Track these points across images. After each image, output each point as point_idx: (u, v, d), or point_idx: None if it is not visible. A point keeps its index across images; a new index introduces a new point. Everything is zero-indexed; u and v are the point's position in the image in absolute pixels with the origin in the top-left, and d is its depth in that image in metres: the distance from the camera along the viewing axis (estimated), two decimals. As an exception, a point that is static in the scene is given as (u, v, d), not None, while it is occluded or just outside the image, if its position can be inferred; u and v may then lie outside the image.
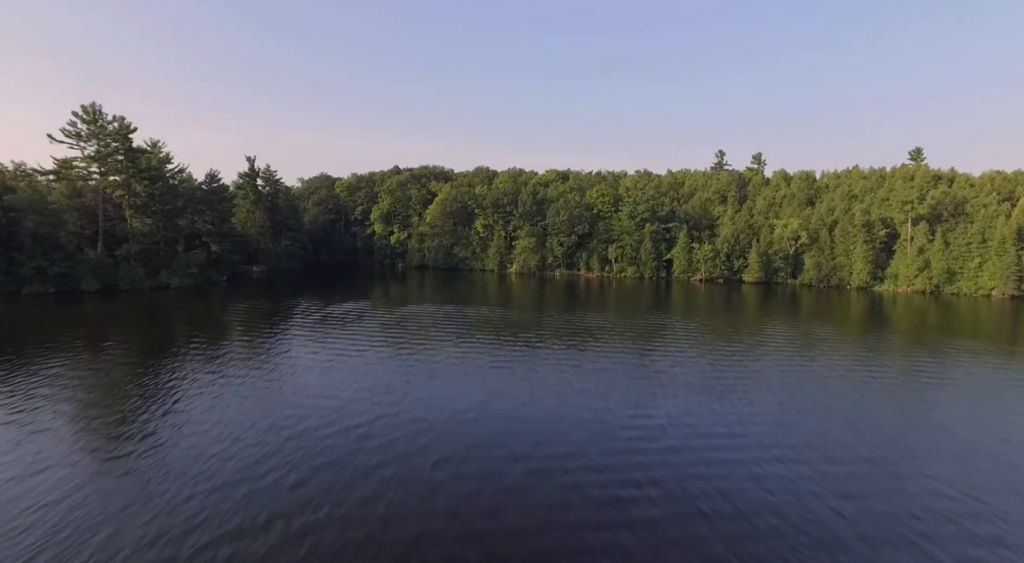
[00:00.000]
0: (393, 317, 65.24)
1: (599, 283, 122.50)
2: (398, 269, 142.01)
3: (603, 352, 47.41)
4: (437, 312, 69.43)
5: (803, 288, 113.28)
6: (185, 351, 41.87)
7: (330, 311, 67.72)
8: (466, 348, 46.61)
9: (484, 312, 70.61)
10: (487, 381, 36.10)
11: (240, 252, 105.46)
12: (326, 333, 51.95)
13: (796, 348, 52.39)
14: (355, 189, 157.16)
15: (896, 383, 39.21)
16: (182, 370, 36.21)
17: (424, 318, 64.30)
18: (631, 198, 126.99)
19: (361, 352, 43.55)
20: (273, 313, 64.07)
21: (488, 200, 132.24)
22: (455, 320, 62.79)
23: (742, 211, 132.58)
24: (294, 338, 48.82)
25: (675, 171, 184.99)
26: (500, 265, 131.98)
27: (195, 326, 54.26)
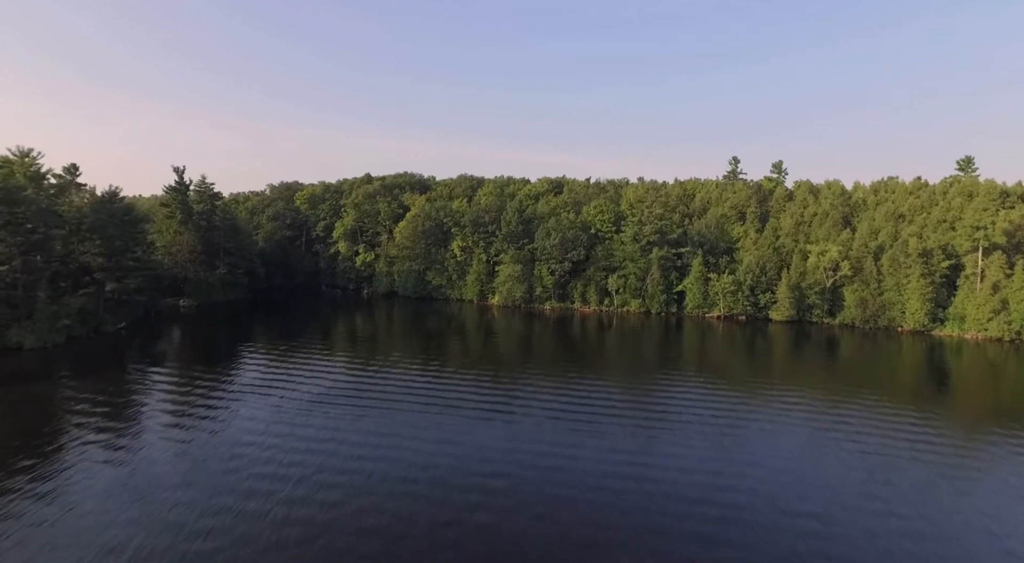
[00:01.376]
0: (328, 395, 47.66)
1: (597, 320, 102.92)
2: (364, 296, 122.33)
3: (601, 458, 35.78)
4: (399, 379, 54.74)
5: (844, 330, 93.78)
6: None
7: (233, 384, 48.20)
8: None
9: (455, 375, 58.30)
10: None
11: (155, 287, 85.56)
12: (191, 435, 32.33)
13: (853, 426, 43.08)
14: (318, 201, 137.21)
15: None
16: None
17: (374, 395, 48.78)
18: (635, 217, 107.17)
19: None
20: (118, 406, 43.35)
21: (467, 218, 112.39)
22: (418, 399, 47.68)
23: (766, 232, 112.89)
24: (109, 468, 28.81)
25: (684, 180, 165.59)
26: (480, 295, 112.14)
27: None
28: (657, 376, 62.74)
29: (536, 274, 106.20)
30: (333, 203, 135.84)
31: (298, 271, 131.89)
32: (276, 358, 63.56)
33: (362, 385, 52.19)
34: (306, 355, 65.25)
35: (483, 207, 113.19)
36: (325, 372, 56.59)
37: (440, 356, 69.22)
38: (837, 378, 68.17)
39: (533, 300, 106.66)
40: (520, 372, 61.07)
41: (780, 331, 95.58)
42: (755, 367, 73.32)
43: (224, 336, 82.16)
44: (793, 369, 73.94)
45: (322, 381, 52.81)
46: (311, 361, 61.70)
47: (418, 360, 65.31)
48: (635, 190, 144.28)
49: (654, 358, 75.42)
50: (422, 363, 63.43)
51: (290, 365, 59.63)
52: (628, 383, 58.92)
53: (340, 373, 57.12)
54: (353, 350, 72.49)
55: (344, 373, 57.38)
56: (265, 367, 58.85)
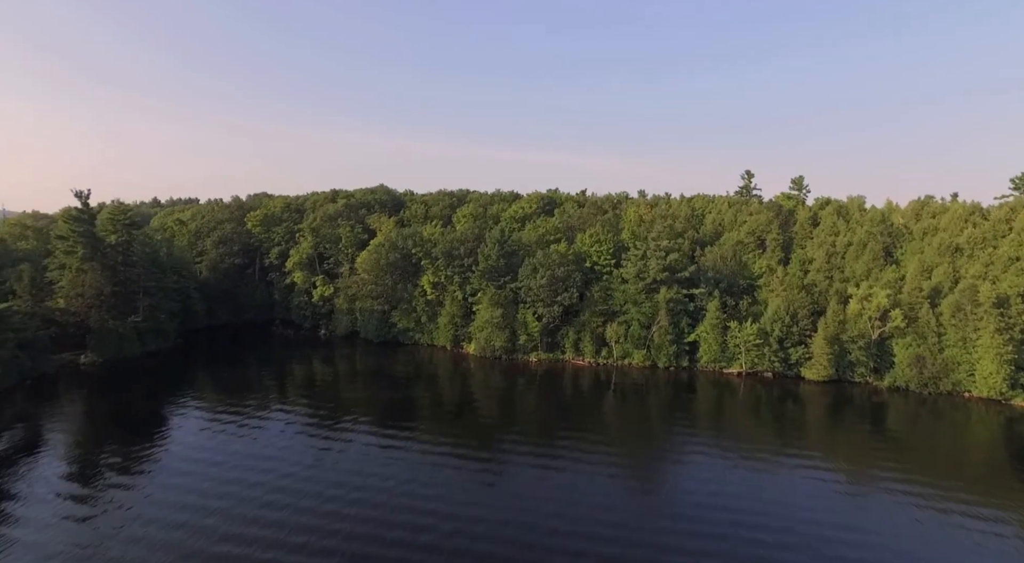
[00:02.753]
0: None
1: (593, 375, 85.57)
2: (321, 337, 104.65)
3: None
4: (350, 466, 48.59)
5: (895, 394, 76.68)
6: None
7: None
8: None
9: (422, 453, 53.07)
10: None
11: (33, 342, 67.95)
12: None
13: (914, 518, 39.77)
14: (272, 222, 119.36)
15: None
16: None
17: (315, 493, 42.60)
18: (638, 250, 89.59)
19: None
20: None
21: (439, 249, 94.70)
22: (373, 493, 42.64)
23: (792, 265, 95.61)
24: None
25: (691, 194, 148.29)
26: (454, 341, 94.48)
27: None
28: (666, 449, 58.18)
29: (520, 319, 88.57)
30: (290, 225, 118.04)
31: (248, 305, 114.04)
32: (178, 439, 54.43)
33: (298, 483, 44.25)
34: (218, 434, 55.50)
35: (458, 236, 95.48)
36: (250, 461, 47.98)
37: (403, 425, 61.26)
38: (890, 456, 57.17)
39: (516, 350, 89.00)
40: (500, 449, 55.43)
41: (815, 393, 78.53)
42: (786, 439, 62.76)
43: (115, 405, 65.50)
44: (833, 441, 64.09)
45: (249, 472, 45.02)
46: (226, 443, 52.73)
47: (374, 434, 57.85)
48: (636, 208, 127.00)
49: (663, 425, 67.18)
50: (379, 438, 56.51)
51: (193, 452, 49.78)
52: (632, 464, 53.40)
53: (273, 464, 47.94)
54: (291, 421, 61.26)
55: (279, 462, 48.49)
56: (161, 452, 50.26)
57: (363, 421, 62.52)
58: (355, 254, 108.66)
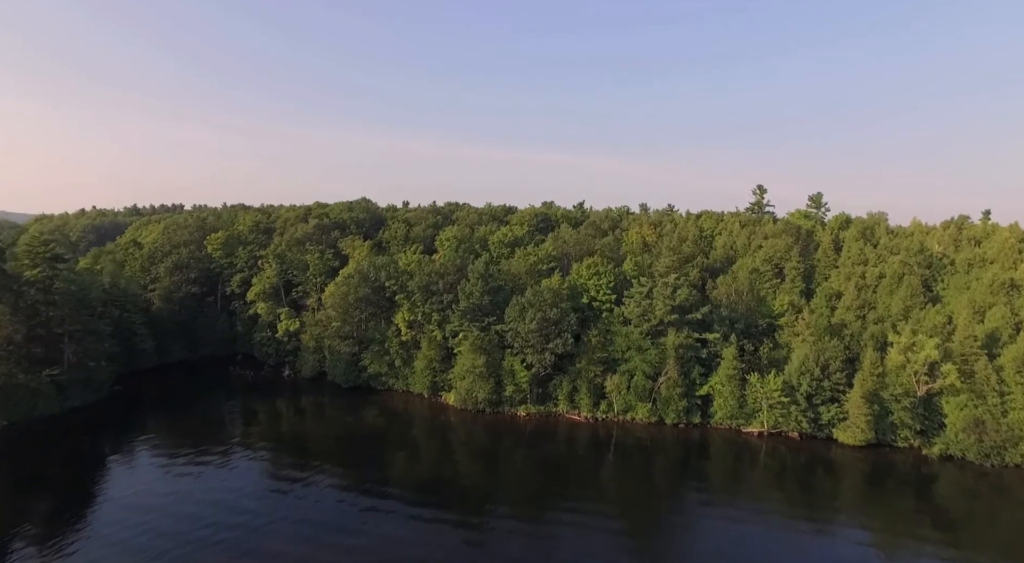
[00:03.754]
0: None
1: (590, 434, 74.38)
2: (286, 378, 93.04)
3: None
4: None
5: (948, 463, 65.10)
6: None
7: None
8: None
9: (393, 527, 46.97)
10: None
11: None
12: None
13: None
14: (235, 245, 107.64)
15: None
16: None
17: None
18: (643, 286, 77.83)
19: None
20: None
21: (415, 283, 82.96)
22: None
23: (817, 300, 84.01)
24: None
25: (698, 212, 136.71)
26: (432, 388, 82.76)
27: None
28: (675, 522, 52.56)
29: (506, 367, 76.80)
30: (255, 249, 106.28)
31: (207, 339, 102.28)
32: (96, 516, 47.17)
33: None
34: (148, 511, 47.98)
35: (437, 268, 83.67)
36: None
37: (371, 490, 55.05)
38: (940, 537, 49.24)
39: (502, 402, 77.23)
40: (483, 517, 51.06)
41: (851, 459, 67.08)
42: (816, 512, 54.79)
43: (14, 477, 55.16)
44: (873, 518, 54.93)
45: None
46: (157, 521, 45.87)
47: (340, 501, 52.37)
48: (638, 229, 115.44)
49: (671, 493, 60.22)
50: (344, 505, 51.38)
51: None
52: (636, 538, 48.64)
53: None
54: (241, 490, 53.36)
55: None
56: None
57: (326, 484, 55.68)
58: (324, 283, 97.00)
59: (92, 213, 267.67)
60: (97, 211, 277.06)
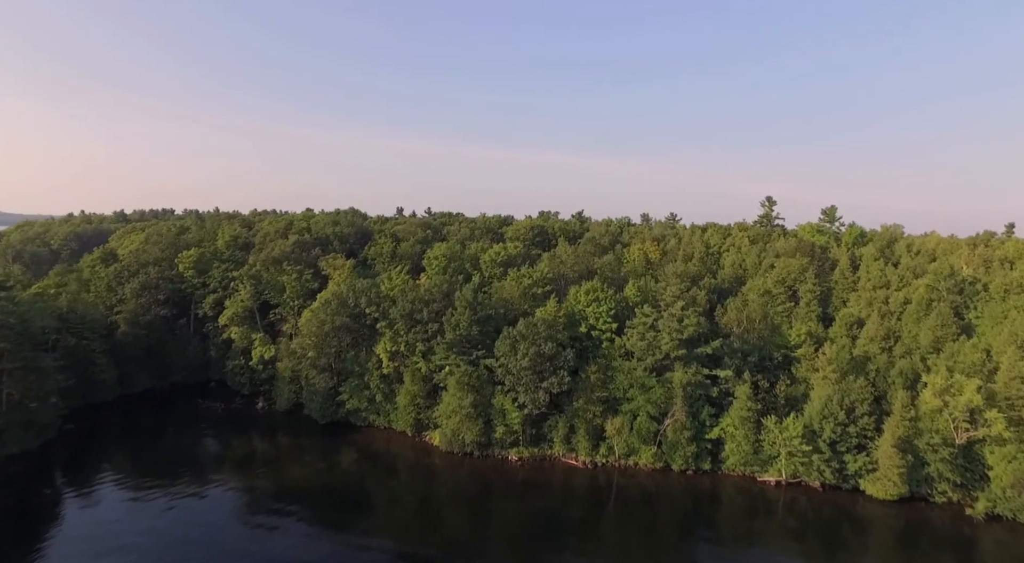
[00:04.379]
0: None
1: (589, 480, 67.56)
2: (259, 410, 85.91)
3: None
4: None
5: (994, 523, 58.01)
6: None
7: None
8: None
9: None
10: None
11: None
12: None
13: None
14: (210, 262, 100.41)
15: None
16: None
17: None
18: (646, 317, 70.71)
19: None
20: None
21: (397, 310, 75.82)
22: None
23: (837, 327, 77.14)
24: None
25: (703, 224, 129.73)
26: (416, 426, 75.63)
27: None
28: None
29: (496, 406, 69.67)
30: (230, 268, 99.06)
31: (178, 366, 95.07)
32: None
33: None
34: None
35: (421, 294, 76.48)
36: None
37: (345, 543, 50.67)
38: None
39: (492, 444, 70.08)
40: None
41: (882, 515, 60.10)
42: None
43: None
44: None
45: None
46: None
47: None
48: (640, 245, 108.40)
49: (678, 547, 55.34)
50: None
51: None
52: None
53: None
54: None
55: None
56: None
57: (295, 541, 50.78)
58: (302, 306, 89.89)
59: (77, 219, 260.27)
60: (83, 217, 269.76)
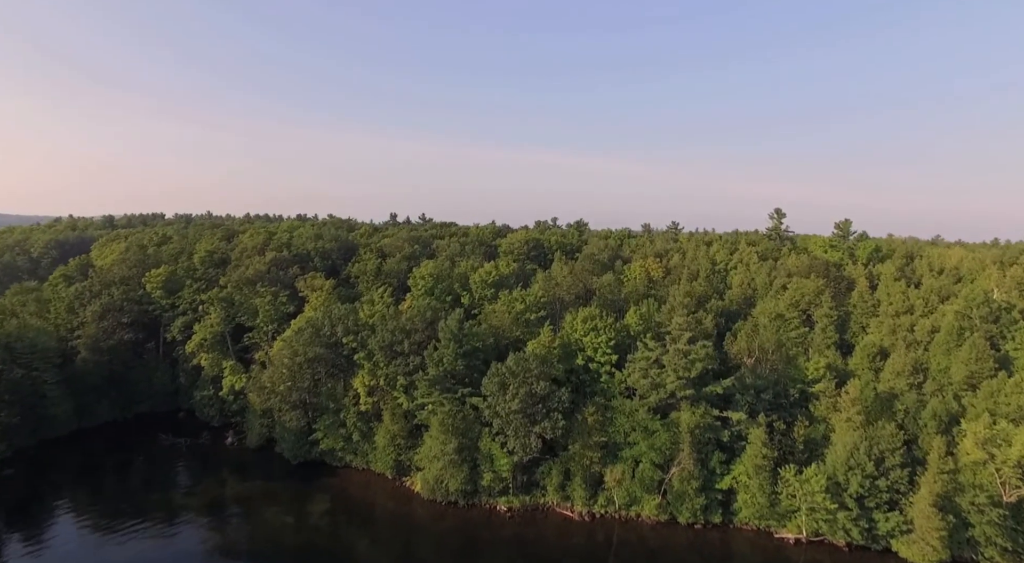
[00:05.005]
0: None
1: (586, 534, 60.97)
2: (228, 446, 79.09)
3: None
4: None
5: (1044, 595, 50.84)
6: None
7: None
8: None
9: None
10: None
11: None
12: None
13: None
14: (182, 280, 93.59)
15: None
16: None
17: None
18: (650, 352, 63.88)
19: None
20: None
21: (376, 341, 68.98)
22: None
23: (858, 358, 70.50)
24: None
25: (708, 239, 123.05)
26: (397, 468, 68.81)
27: None
28: None
29: (483, 450, 62.82)
30: (202, 287, 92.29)
31: (144, 393, 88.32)
32: None
33: None
34: None
35: (402, 324, 69.58)
36: None
37: None
38: None
39: (479, 491, 63.22)
40: None
41: (917, 583, 52.91)
42: None
43: None
44: None
45: None
46: None
47: None
48: (642, 261, 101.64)
49: None
50: None
51: None
52: None
53: None
54: None
55: None
56: None
57: None
58: (277, 331, 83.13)
59: (61, 226, 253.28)
60: (69, 222, 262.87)
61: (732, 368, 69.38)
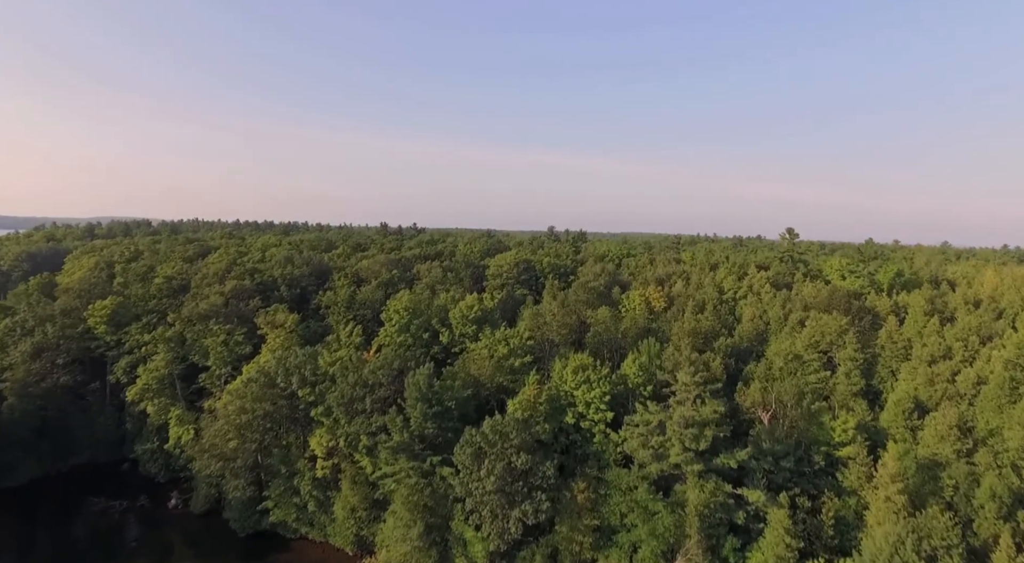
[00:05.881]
0: None
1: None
2: (171, 510, 69.56)
3: None
4: None
5: None
6: None
7: None
8: None
9: None
10: None
11: None
12: None
13: None
14: (130, 313, 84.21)
15: None
16: None
17: None
18: (650, 415, 54.40)
19: None
20: None
21: (335, 396, 59.54)
22: None
23: (892, 416, 61.03)
24: None
25: (711, 251, 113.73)
26: (358, 542, 59.30)
27: None
28: None
29: (455, 532, 53.32)
30: (153, 320, 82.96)
31: (84, 442, 78.84)
32: None
33: None
34: None
35: (363, 377, 60.08)
36: None
37: None
38: None
39: (451, 578, 53.69)
40: None
41: None
42: None
43: None
44: None
45: None
46: None
47: None
48: (643, 290, 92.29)
49: None
50: None
51: None
52: None
53: None
54: None
55: None
56: None
57: None
58: (231, 376, 73.76)
59: (37, 236, 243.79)
60: (45, 233, 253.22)
61: (745, 424, 60.43)
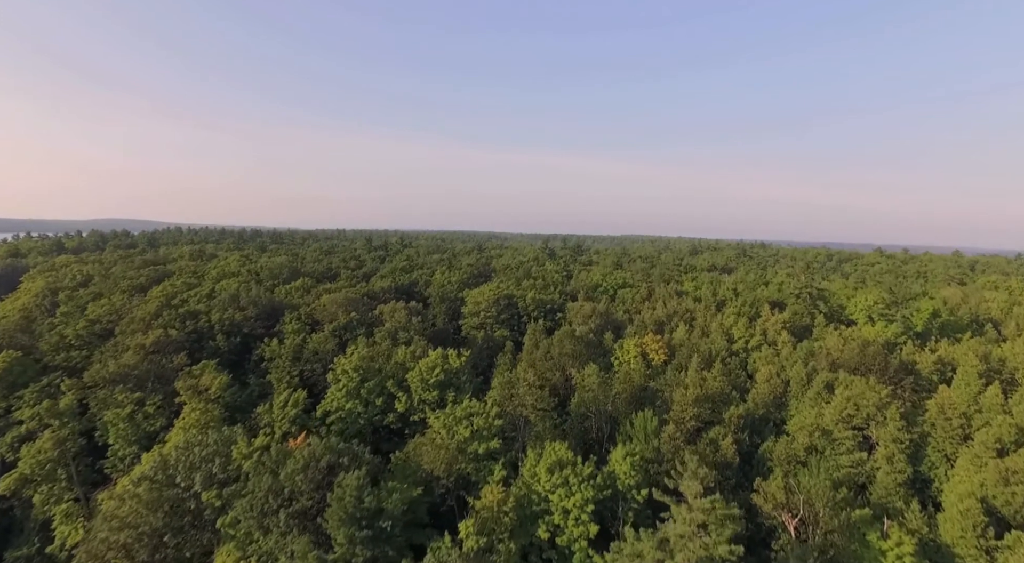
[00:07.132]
0: None
1: None
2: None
3: None
4: None
5: None
6: None
7: None
8: None
9: None
10: None
11: None
12: None
13: None
14: (29, 370, 70.67)
15: None
16: None
17: None
18: (648, 542, 41.20)
19: None
20: None
21: (246, 503, 46.17)
22: None
23: (957, 529, 48.13)
24: None
25: (719, 297, 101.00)
26: None
27: None
28: None
29: None
30: (58, 379, 69.43)
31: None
32: None
33: None
34: None
35: (278, 484, 46.64)
36: None
37: None
38: None
39: None
40: None
41: None
42: None
43: None
44: None
45: None
46: None
47: None
48: (638, 338, 79.42)
49: None
50: None
51: None
52: None
53: None
54: None
55: None
56: None
57: None
58: (136, 458, 60.27)
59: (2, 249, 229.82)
60: (7, 247, 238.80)
61: (764, 530, 47.87)
